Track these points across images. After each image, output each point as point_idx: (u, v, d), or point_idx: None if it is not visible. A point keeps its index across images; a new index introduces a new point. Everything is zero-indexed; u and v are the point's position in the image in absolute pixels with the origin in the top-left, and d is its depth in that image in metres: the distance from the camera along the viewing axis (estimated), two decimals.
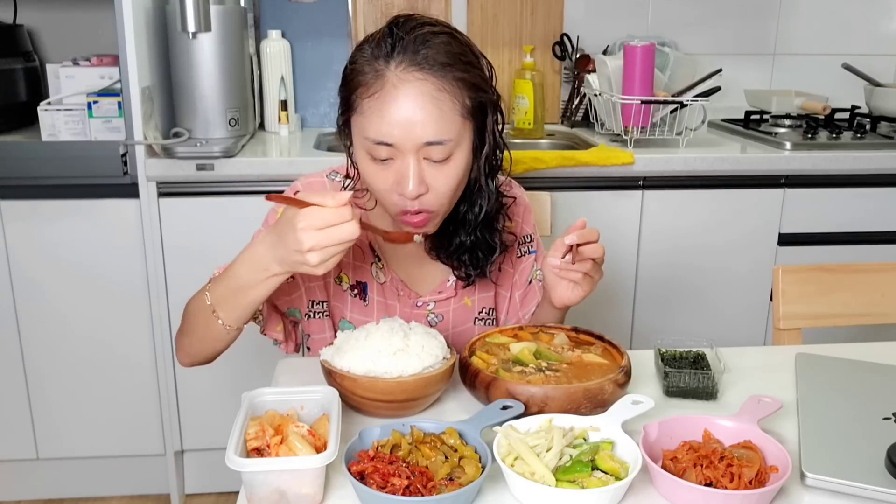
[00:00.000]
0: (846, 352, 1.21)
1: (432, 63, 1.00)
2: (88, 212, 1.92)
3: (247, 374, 1.91)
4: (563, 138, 2.40)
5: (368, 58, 1.03)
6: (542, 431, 0.90)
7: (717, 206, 2.09)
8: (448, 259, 1.21)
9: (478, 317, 1.30)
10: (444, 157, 1.03)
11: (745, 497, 0.81)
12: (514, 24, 2.48)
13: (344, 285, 1.24)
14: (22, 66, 2.22)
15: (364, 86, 1.02)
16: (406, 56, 1.00)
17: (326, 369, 1.01)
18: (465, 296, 1.28)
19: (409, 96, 0.99)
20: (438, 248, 1.20)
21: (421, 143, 1.01)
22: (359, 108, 1.03)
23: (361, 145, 1.06)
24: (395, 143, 1.01)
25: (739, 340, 2.13)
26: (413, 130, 1.00)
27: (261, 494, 0.81)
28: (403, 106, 0.99)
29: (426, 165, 1.03)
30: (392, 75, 1.00)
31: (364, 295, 1.24)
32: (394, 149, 1.02)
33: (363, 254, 1.23)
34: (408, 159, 1.02)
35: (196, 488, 2.19)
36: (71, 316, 1.99)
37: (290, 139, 2.23)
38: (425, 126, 1.00)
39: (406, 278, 1.25)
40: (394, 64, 1.00)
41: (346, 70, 1.07)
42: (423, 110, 1.00)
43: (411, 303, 1.25)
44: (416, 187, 1.02)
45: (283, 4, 2.33)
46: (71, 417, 2.07)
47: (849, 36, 2.69)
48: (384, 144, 1.02)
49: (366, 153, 1.05)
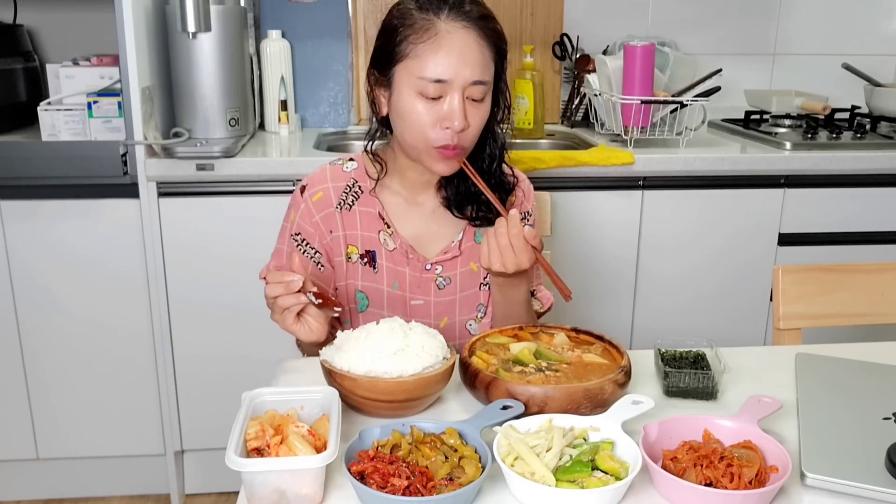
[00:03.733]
0: (846, 352, 1.21)
1: (474, 16, 1.18)
2: (88, 212, 1.92)
3: (247, 374, 1.92)
4: (563, 138, 2.40)
5: (415, 12, 1.18)
6: (542, 431, 0.90)
7: (717, 206, 2.09)
8: (464, 210, 1.32)
9: (482, 282, 1.36)
10: (482, 96, 1.20)
11: (745, 497, 0.81)
12: (514, 24, 2.48)
13: (353, 258, 1.32)
14: (22, 66, 2.22)
15: (416, 34, 1.17)
16: (452, 10, 1.17)
17: (326, 369, 1.01)
18: (472, 261, 1.35)
19: (461, 40, 1.16)
20: (454, 202, 1.32)
21: (469, 82, 1.17)
22: (412, 53, 1.17)
23: (413, 86, 1.18)
24: (450, 79, 1.16)
25: (739, 340, 2.13)
26: (465, 69, 1.16)
27: (261, 494, 0.81)
28: (457, 48, 1.16)
29: (467, 104, 1.19)
30: (443, 24, 1.17)
31: (374, 263, 1.31)
32: (445, 86, 1.16)
33: (371, 223, 1.30)
34: (455, 95, 1.17)
35: (196, 488, 2.19)
36: (71, 316, 1.99)
37: (290, 139, 2.23)
38: (474, 66, 1.17)
39: (415, 243, 1.32)
40: (443, 16, 1.17)
41: (389, 24, 1.21)
42: (472, 53, 1.17)
43: (420, 266, 1.32)
44: (461, 120, 1.17)
45: (283, 4, 2.33)
46: (71, 417, 2.07)
47: (849, 36, 2.70)
48: (439, 82, 1.16)
49: (415, 93, 1.18)
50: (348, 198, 1.30)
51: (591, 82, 2.28)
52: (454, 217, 1.33)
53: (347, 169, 1.32)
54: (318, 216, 1.30)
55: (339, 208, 1.30)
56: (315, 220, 1.30)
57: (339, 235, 1.30)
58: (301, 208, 1.30)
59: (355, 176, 1.31)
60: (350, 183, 1.31)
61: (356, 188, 1.31)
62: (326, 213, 1.30)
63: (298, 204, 1.31)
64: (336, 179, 1.31)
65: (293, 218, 1.32)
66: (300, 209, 1.31)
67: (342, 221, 1.30)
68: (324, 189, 1.30)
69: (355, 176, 1.31)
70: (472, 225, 1.33)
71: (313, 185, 1.31)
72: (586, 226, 2.05)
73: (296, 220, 1.31)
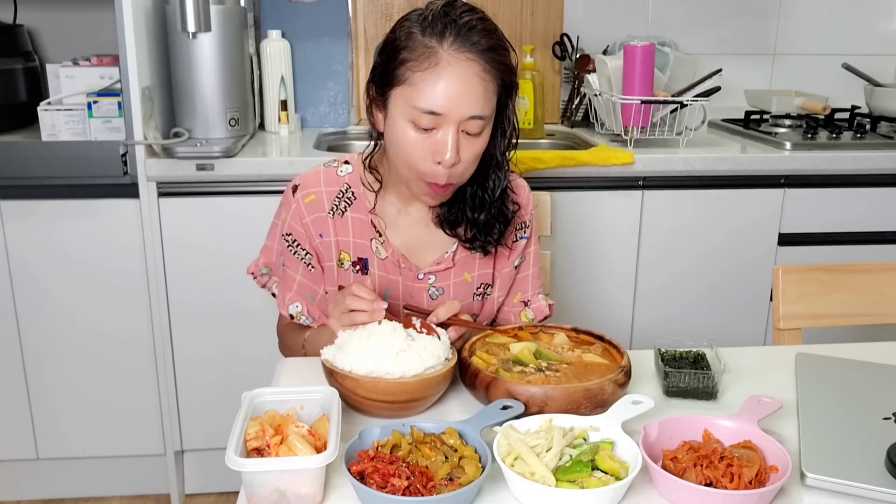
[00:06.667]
0: (846, 352, 1.21)
1: (481, 47, 1.12)
2: (88, 212, 1.92)
3: (247, 374, 1.92)
4: (563, 138, 2.40)
5: (418, 36, 1.12)
6: (542, 431, 0.90)
7: (717, 206, 2.09)
8: (455, 231, 1.29)
9: (476, 292, 1.35)
10: (479, 131, 1.15)
11: (745, 497, 0.81)
12: (514, 24, 2.48)
13: (346, 265, 1.29)
14: (22, 66, 2.22)
15: (416, 60, 1.12)
16: (458, 39, 1.11)
17: (328, 369, 1.01)
18: (466, 271, 1.33)
19: (461, 73, 1.11)
20: (447, 220, 1.29)
21: (466, 116, 1.12)
22: (409, 80, 1.12)
23: (406, 114, 1.14)
24: (445, 112, 1.11)
25: (739, 340, 2.13)
26: (462, 104, 1.11)
27: (261, 494, 0.81)
28: (456, 81, 1.11)
29: (461, 137, 1.14)
30: (445, 54, 1.11)
31: (366, 270, 1.30)
32: (440, 118, 1.12)
33: (363, 230, 1.28)
34: (450, 129, 1.12)
35: (196, 488, 2.19)
36: (71, 316, 1.99)
37: (290, 139, 2.23)
38: (474, 101, 1.12)
39: (406, 252, 1.30)
40: (446, 44, 1.11)
41: (390, 45, 1.16)
42: (472, 87, 1.12)
43: (412, 276, 1.30)
44: (453, 155, 1.13)
45: (283, 4, 2.33)
46: (71, 417, 2.07)
47: (849, 36, 2.69)
48: (433, 114, 1.11)
49: (409, 122, 1.14)
50: (341, 203, 1.28)
51: (591, 82, 2.28)
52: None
53: (342, 173, 1.29)
54: (308, 218, 1.27)
55: (331, 213, 1.28)
56: (305, 222, 1.27)
57: (331, 241, 1.28)
58: (292, 208, 1.28)
59: (349, 181, 1.29)
60: (343, 188, 1.28)
61: (349, 194, 1.28)
62: (317, 216, 1.28)
63: (290, 203, 1.29)
64: (329, 184, 1.29)
65: (284, 217, 1.30)
66: (291, 209, 1.29)
67: (334, 227, 1.28)
68: (317, 192, 1.28)
69: (349, 181, 1.29)
70: (465, 247, 1.30)
71: (306, 187, 1.29)
72: (586, 226, 2.05)
73: (287, 220, 1.29)
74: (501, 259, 1.36)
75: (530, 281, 1.40)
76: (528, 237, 1.37)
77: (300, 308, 1.31)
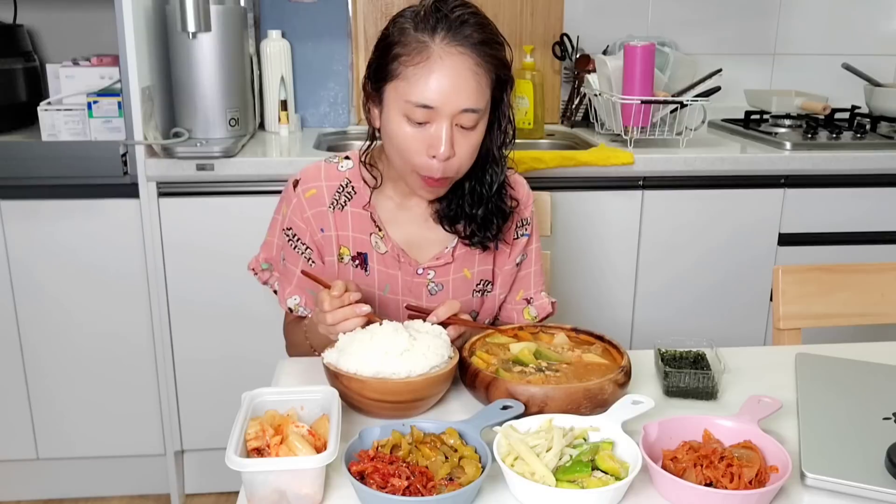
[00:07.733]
0: (846, 352, 1.21)
1: (473, 41, 1.13)
2: (88, 212, 1.92)
3: (247, 374, 1.92)
4: (563, 138, 2.40)
5: (411, 31, 1.14)
6: (542, 431, 0.90)
7: (717, 206, 2.09)
8: (454, 227, 1.29)
9: (475, 289, 1.35)
10: (473, 124, 1.16)
11: (745, 497, 0.81)
12: (514, 24, 2.47)
13: (345, 259, 1.30)
14: (22, 66, 2.22)
15: (408, 55, 1.13)
16: (449, 33, 1.13)
17: (332, 372, 1.00)
18: (465, 267, 1.33)
19: (452, 67, 1.12)
20: (446, 216, 1.29)
21: (459, 110, 1.13)
22: (402, 74, 1.14)
23: (400, 109, 1.15)
24: (437, 106, 1.12)
25: (739, 340, 2.13)
26: (455, 97, 1.12)
27: (261, 494, 0.81)
28: (448, 75, 1.12)
29: (455, 131, 1.15)
30: (437, 48, 1.12)
31: (365, 265, 1.30)
32: (433, 112, 1.13)
33: (362, 225, 1.29)
34: (443, 123, 1.13)
35: (196, 488, 2.19)
36: (71, 316, 1.99)
37: (290, 139, 2.23)
38: (466, 94, 1.13)
39: (406, 247, 1.30)
40: (438, 38, 1.12)
41: (384, 42, 1.17)
42: (464, 80, 1.12)
43: (412, 270, 1.30)
44: (447, 149, 1.14)
45: (283, 4, 2.33)
46: (71, 417, 2.07)
47: (849, 36, 2.69)
48: (426, 107, 1.12)
49: (402, 116, 1.15)
50: (341, 198, 1.29)
51: (591, 82, 2.28)
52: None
53: (342, 168, 1.30)
54: (309, 212, 1.28)
55: (331, 208, 1.28)
56: (306, 216, 1.28)
57: (332, 235, 1.29)
58: (293, 203, 1.29)
59: (349, 176, 1.30)
60: (343, 183, 1.29)
61: (349, 188, 1.29)
62: (318, 210, 1.28)
63: (290, 198, 1.30)
64: (330, 178, 1.29)
65: (285, 212, 1.31)
66: (292, 203, 1.29)
67: (334, 221, 1.29)
68: (317, 186, 1.29)
69: (349, 176, 1.30)
70: (464, 243, 1.31)
71: (307, 181, 1.29)
72: (586, 226, 2.05)
73: (287, 215, 1.30)
74: (502, 256, 1.36)
75: (532, 278, 1.40)
76: (529, 234, 1.37)
77: (299, 300, 1.31)
